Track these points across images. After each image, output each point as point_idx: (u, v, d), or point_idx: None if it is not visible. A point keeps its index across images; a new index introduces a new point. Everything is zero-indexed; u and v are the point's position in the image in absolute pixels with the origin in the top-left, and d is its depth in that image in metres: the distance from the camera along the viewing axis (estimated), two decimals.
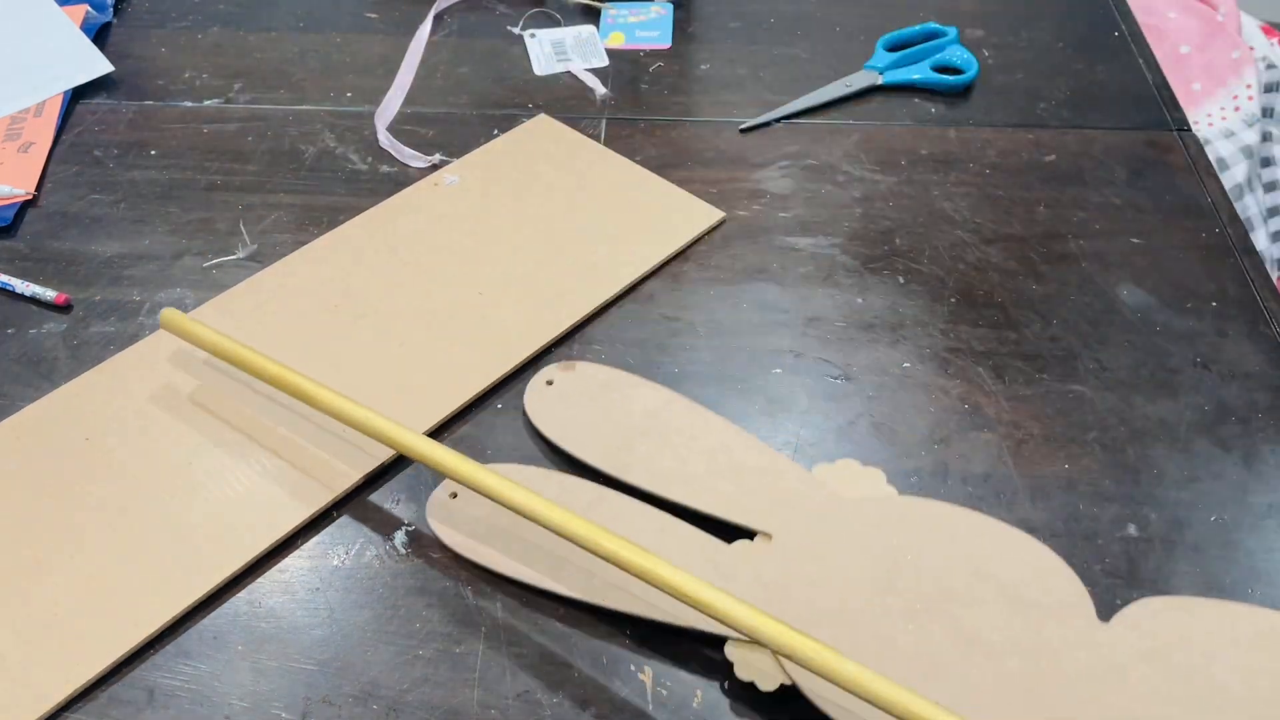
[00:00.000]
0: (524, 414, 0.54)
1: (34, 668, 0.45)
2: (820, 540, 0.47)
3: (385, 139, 0.70)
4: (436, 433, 0.54)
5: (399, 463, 0.53)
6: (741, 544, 0.48)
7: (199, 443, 0.53)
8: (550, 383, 0.55)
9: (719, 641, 0.45)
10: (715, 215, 0.65)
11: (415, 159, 0.69)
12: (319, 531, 0.50)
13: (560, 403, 0.54)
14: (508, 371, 0.56)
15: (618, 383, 0.55)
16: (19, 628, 0.46)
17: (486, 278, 0.61)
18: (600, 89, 0.75)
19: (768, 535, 0.48)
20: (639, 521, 0.49)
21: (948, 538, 0.47)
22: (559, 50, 0.78)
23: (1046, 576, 0.46)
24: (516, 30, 0.80)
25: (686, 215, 0.65)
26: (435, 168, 0.68)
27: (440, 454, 0.48)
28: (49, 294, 0.60)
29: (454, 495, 0.51)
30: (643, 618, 0.46)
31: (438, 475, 0.52)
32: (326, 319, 0.59)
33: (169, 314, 0.55)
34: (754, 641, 0.44)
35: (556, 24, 0.81)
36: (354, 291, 0.60)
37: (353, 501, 0.51)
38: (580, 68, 0.76)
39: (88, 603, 0.47)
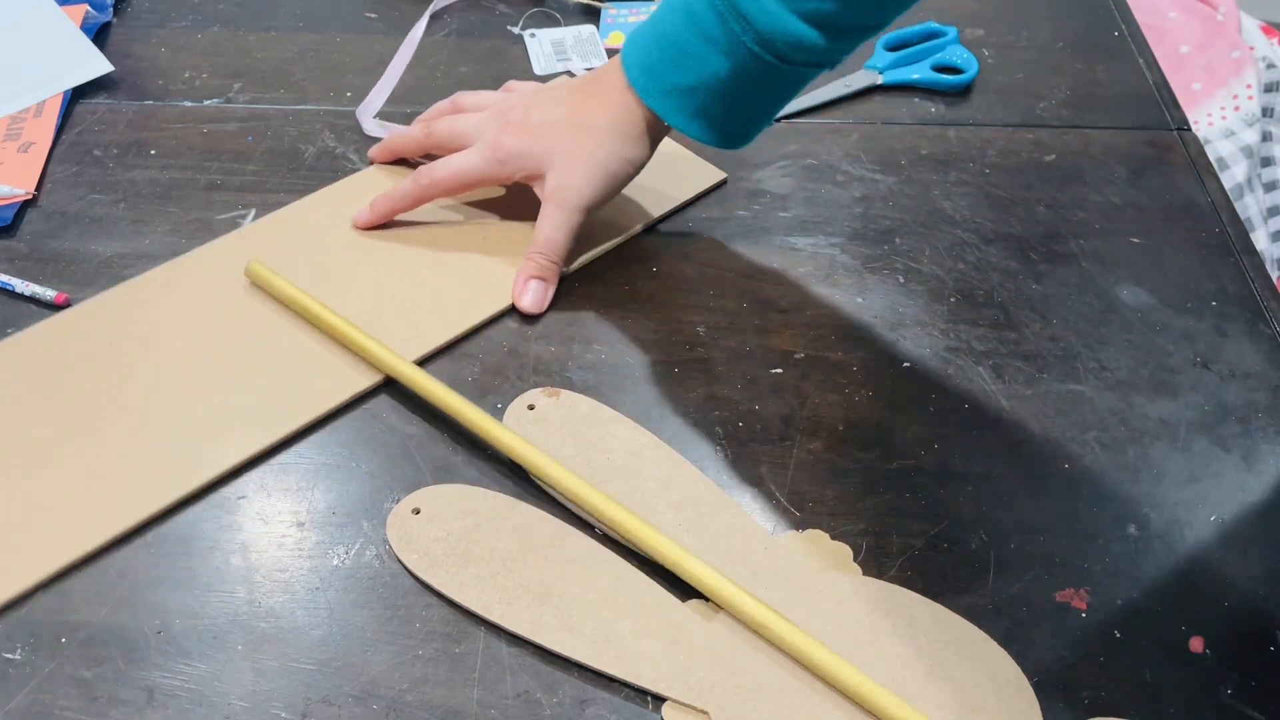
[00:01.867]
0: None
1: (40, 534, 0.49)
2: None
3: (372, 125, 0.71)
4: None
5: (398, 462, 0.53)
6: (695, 603, 0.48)
7: (214, 355, 0.56)
8: (532, 407, 0.55)
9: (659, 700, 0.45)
10: (716, 175, 0.67)
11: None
12: (319, 531, 0.50)
13: (538, 429, 0.54)
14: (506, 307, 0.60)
15: (599, 417, 0.54)
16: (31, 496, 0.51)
17: (495, 221, 0.64)
18: None
19: None
20: (596, 566, 0.48)
21: (907, 628, 0.47)
22: (559, 50, 0.78)
23: (1002, 685, 0.45)
24: (516, 30, 0.80)
25: (689, 174, 0.67)
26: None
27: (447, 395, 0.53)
28: (49, 293, 0.60)
29: (416, 511, 0.50)
30: (586, 665, 0.46)
31: (432, 479, 0.52)
32: (341, 255, 0.62)
33: (256, 266, 0.59)
34: (693, 707, 0.44)
35: (556, 24, 0.81)
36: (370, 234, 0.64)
37: (352, 501, 0.51)
38: (580, 67, 0.76)
39: (97, 479, 0.51)
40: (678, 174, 0.67)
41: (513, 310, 0.60)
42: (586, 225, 0.61)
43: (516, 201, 0.65)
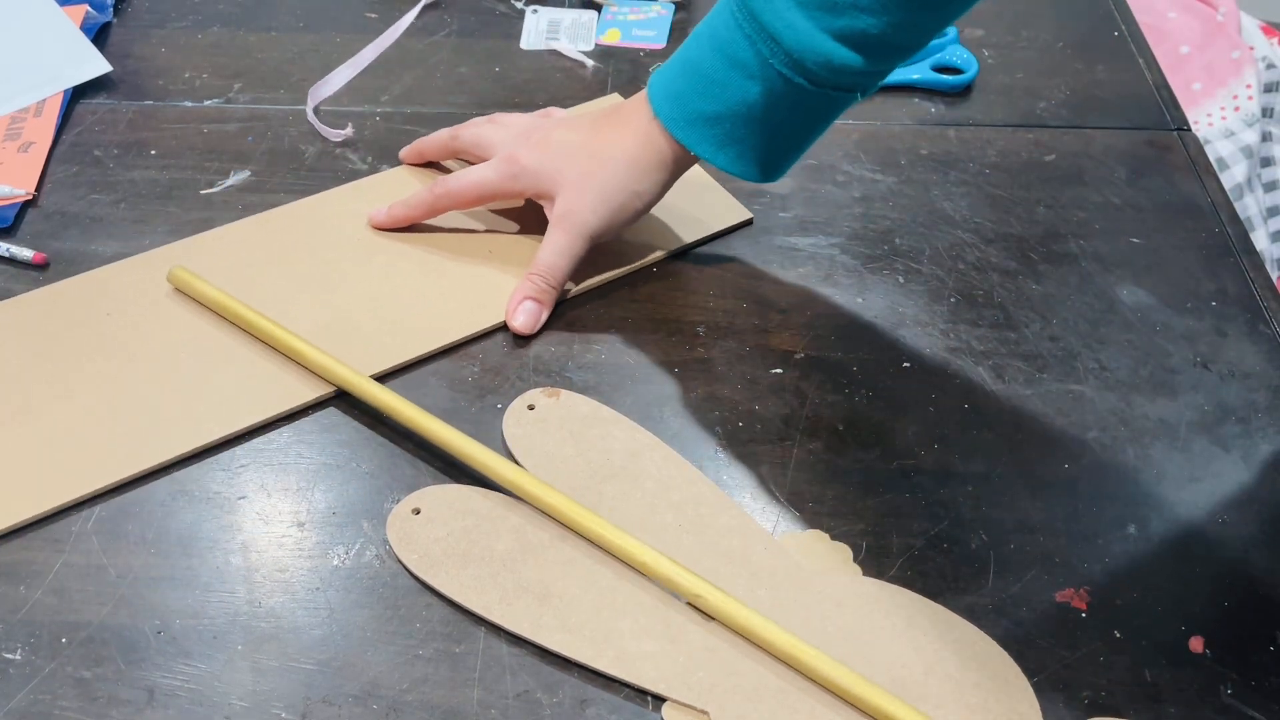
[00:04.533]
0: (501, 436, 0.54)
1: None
2: (775, 612, 0.47)
3: (311, 115, 0.71)
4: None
5: (398, 462, 0.53)
6: None
7: (215, 335, 0.57)
8: (532, 407, 0.55)
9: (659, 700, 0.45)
10: (742, 213, 0.65)
11: (332, 134, 0.70)
12: (319, 531, 0.50)
13: (538, 429, 0.54)
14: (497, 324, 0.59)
15: (599, 418, 0.54)
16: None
17: (503, 235, 0.63)
18: (589, 62, 0.76)
19: None
20: (596, 566, 0.48)
21: (907, 628, 0.47)
22: (552, 29, 0.79)
23: (1002, 685, 0.45)
24: (519, 4, 0.81)
25: (714, 209, 0.65)
26: (349, 141, 0.70)
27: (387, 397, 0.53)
28: (26, 253, 0.61)
29: (416, 511, 0.50)
30: (586, 665, 0.46)
31: (432, 479, 0.52)
32: (347, 251, 0.62)
33: (178, 271, 0.59)
34: (693, 707, 0.44)
35: (559, 4, 0.82)
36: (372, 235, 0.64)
37: (352, 501, 0.51)
38: (567, 47, 0.78)
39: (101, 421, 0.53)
40: (702, 208, 0.65)
41: (503, 327, 0.59)
42: (596, 250, 0.60)
43: (528, 216, 0.64)
